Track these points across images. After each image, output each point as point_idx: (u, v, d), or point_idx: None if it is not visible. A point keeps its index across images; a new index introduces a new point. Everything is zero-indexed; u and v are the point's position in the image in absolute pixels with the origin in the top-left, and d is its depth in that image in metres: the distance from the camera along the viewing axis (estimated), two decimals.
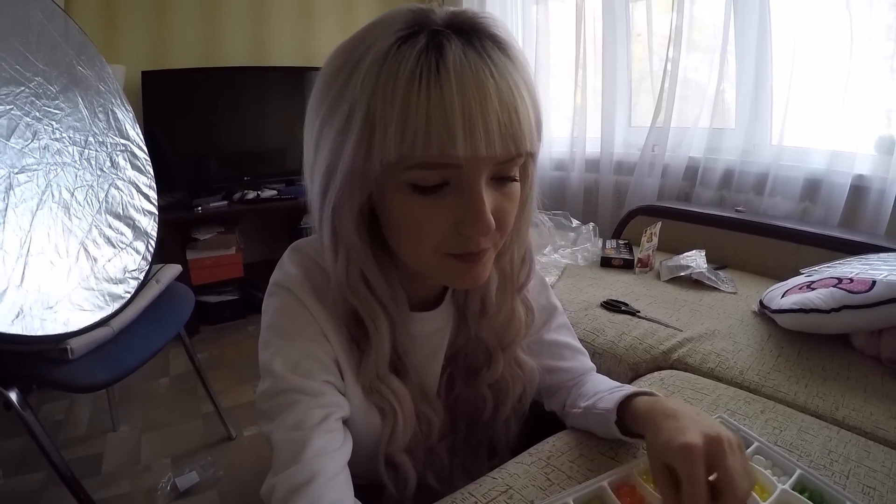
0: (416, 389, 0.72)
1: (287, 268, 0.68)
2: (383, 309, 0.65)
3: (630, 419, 0.69)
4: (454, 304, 0.77)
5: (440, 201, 0.55)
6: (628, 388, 0.74)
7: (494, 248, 0.62)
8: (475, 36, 0.53)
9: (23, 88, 1.32)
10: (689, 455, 0.52)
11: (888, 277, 1.12)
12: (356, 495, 0.61)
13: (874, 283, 1.13)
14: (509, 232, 0.63)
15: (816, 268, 1.39)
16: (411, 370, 0.72)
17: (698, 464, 0.52)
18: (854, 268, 1.27)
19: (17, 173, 1.26)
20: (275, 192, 2.93)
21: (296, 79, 2.96)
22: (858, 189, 1.88)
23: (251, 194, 2.87)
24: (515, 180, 0.59)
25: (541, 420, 0.90)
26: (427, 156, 0.51)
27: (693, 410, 0.62)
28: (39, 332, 1.18)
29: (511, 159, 0.56)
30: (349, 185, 0.56)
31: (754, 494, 0.62)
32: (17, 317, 1.14)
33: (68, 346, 1.24)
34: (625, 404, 0.70)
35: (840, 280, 1.21)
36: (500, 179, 0.58)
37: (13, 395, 1.19)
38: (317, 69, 0.57)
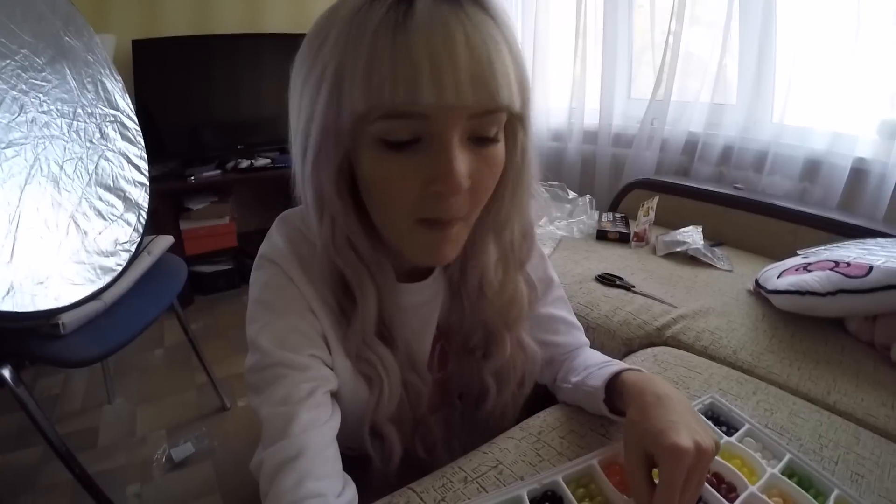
0: (404, 359, 0.72)
1: (274, 240, 0.68)
2: (369, 273, 0.65)
3: (617, 396, 0.69)
4: (446, 278, 0.76)
5: (411, 158, 0.53)
6: (617, 365, 0.74)
7: (467, 223, 0.60)
8: None
9: (8, 62, 1.28)
10: (679, 459, 0.53)
11: (885, 264, 1.12)
12: (345, 467, 0.62)
13: (871, 268, 1.13)
14: (485, 201, 0.61)
15: (814, 250, 1.39)
16: (399, 340, 0.72)
17: (683, 470, 0.52)
18: (851, 252, 1.27)
19: (4, 148, 1.23)
20: (269, 160, 2.90)
21: (290, 45, 2.79)
22: (859, 172, 1.87)
23: (245, 163, 2.84)
24: (496, 142, 0.57)
25: (534, 393, 0.90)
26: (394, 104, 0.50)
27: (683, 401, 0.62)
28: (30, 308, 1.17)
29: (487, 112, 0.53)
30: (324, 143, 0.55)
31: (743, 477, 0.63)
32: (7, 293, 1.12)
33: (60, 322, 1.24)
34: (612, 381, 0.70)
35: (837, 263, 1.21)
36: (479, 140, 0.55)
37: (6, 372, 1.19)
38: None
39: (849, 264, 1.19)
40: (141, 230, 1.59)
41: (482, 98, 0.51)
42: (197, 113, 2.78)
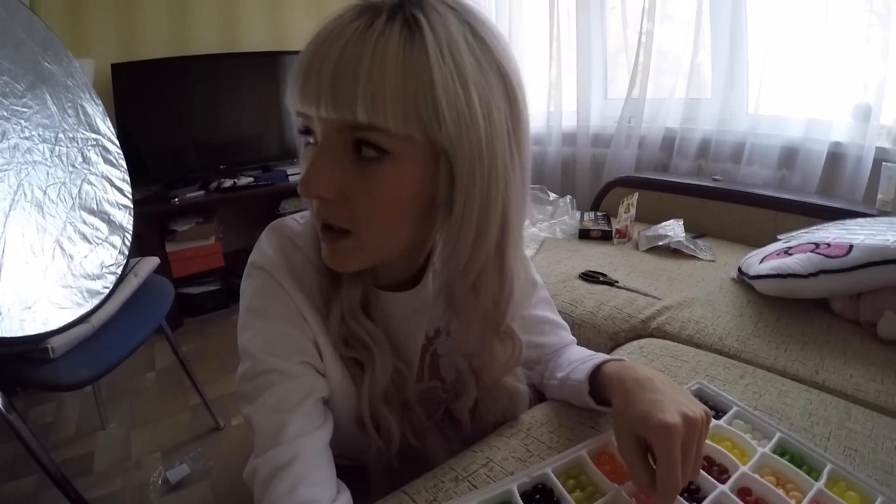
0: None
1: (264, 248, 0.67)
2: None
3: (601, 388, 0.70)
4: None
5: (307, 158, 0.57)
6: (599, 357, 0.75)
7: (359, 242, 0.58)
8: (411, 17, 0.51)
9: None
10: (669, 435, 0.53)
11: (865, 241, 1.14)
12: (340, 477, 0.62)
13: (851, 247, 1.15)
14: (377, 223, 0.57)
15: (794, 234, 1.40)
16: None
17: (677, 445, 0.52)
18: (831, 233, 1.29)
19: None
20: (251, 179, 2.89)
21: (269, 64, 2.90)
22: (835, 156, 1.90)
23: (228, 182, 2.83)
24: (379, 161, 0.53)
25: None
26: (293, 109, 0.55)
27: (665, 380, 0.62)
28: (19, 333, 1.16)
29: (356, 127, 0.51)
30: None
31: (734, 458, 0.64)
32: None
33: (49, 346, 1.23)
34: (595, 374, 0.71)
35: (817, 245, 1.23)
36: (362, 156, 0.53)
37: None
38: (290, 53, 0.58)
39: (829, 245, 1.20)
40: (126, 252, 1.58)
41: (343, 111, 0.50)
42: (178, 134, 2.78)
